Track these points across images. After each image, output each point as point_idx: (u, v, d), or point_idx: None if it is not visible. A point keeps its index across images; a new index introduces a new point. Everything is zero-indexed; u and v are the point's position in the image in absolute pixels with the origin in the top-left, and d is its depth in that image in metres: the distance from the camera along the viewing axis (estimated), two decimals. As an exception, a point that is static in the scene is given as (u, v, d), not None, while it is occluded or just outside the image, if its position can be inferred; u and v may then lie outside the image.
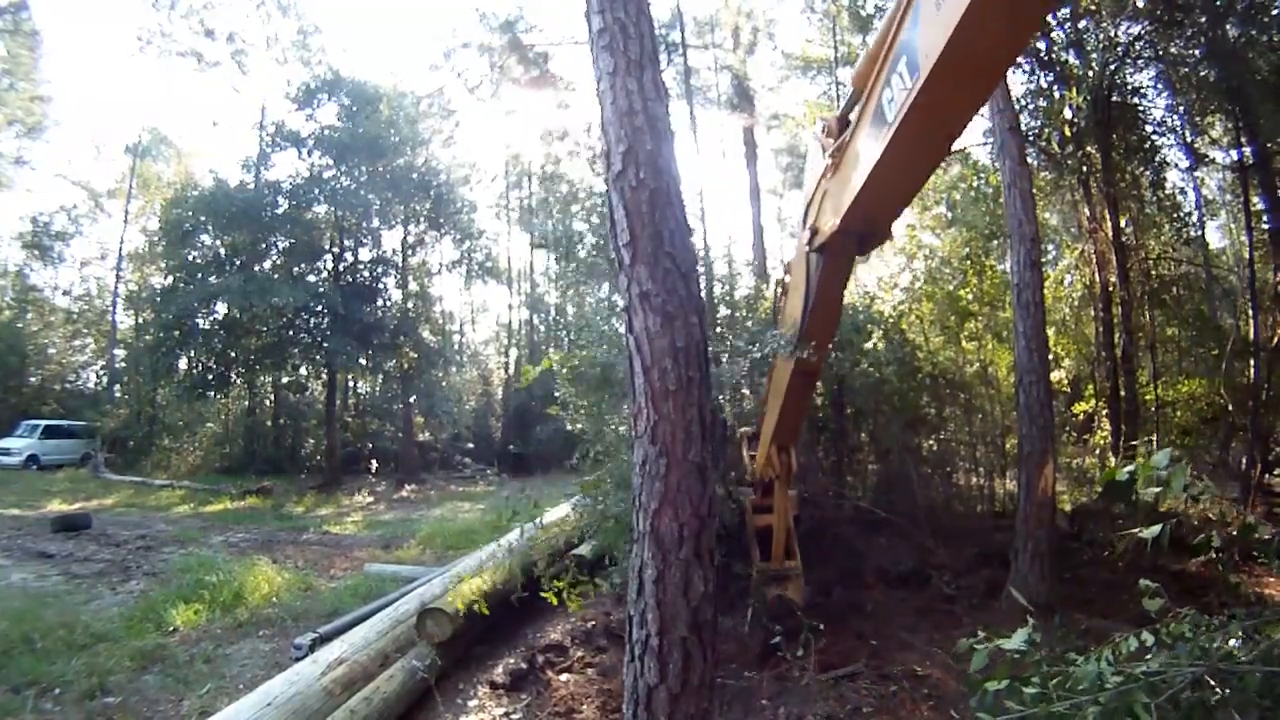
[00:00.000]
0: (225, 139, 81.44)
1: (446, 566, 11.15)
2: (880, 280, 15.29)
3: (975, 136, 16.25)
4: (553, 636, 9.23)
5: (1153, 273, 16.73)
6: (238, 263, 27.89)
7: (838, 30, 19.33)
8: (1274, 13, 14.80)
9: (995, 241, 15.52)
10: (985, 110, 11.34)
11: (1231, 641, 3.43)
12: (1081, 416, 16.70)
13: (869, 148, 4.99)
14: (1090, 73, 15.60)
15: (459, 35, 28.13)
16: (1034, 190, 11.82)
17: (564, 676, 8.07)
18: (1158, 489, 3.43)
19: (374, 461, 33.12)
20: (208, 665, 8.42)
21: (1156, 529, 3.51)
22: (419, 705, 7.29)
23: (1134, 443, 11.55)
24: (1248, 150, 16.05)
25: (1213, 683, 3.14)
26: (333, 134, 28.90)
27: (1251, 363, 15.26)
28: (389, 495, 27.50)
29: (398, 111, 30.44)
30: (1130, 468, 3.59)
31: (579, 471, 9.68)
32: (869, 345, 12.58)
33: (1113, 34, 15.82)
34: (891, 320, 13.58)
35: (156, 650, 8.64)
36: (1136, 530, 3.61)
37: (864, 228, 5.84)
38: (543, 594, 8.11)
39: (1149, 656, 3.32)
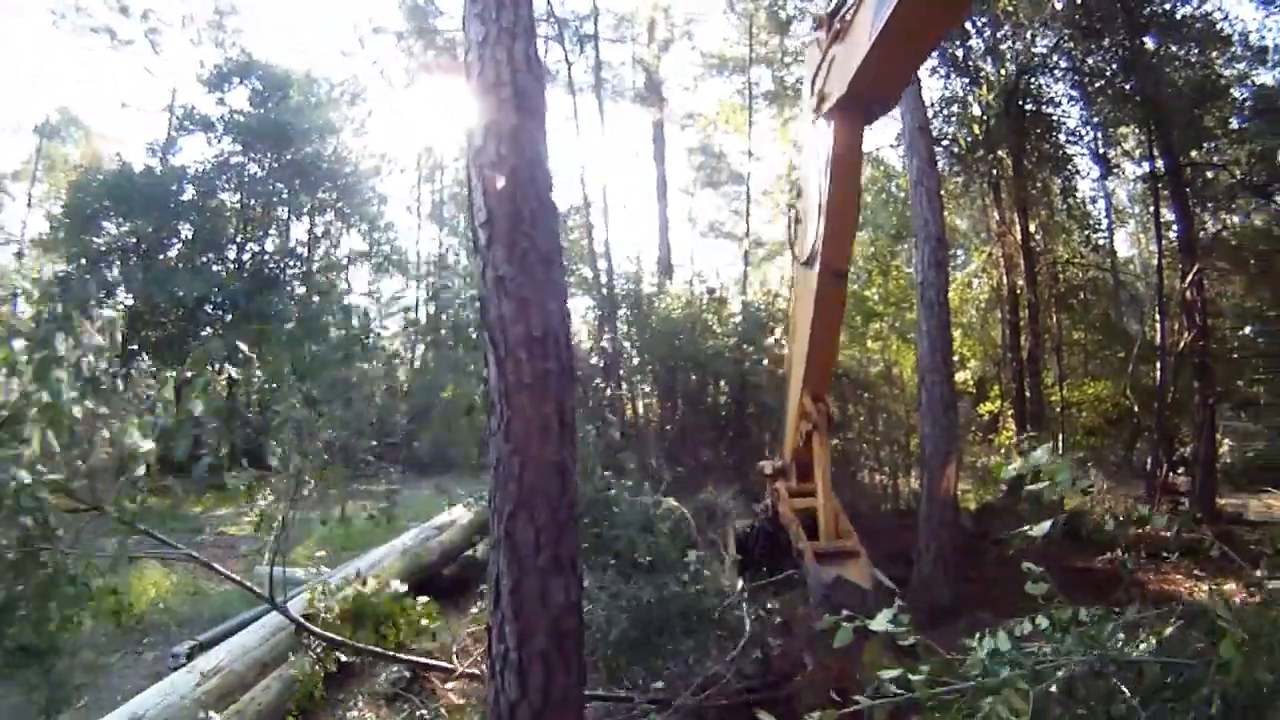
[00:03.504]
0: (135, 121, 78.22)
1: (337, 569, 10.70)
2: (783, 277, 15.22)
3: (887, 137, 16.34)
4: (440, 641, 8.84)
5: (1060, 277, 17.09)
6: (144, 250, 26.87)
7: (754, 28, 19.24)
8: (1197, 25, 15.18)
9: (903, 245, 15.65)
10: (895, 110, 11.29)
11: (1124, 634, 3.42)
12: (987, 417, 16.95)
13: (881, 6, 5.17)
14: (1005, 79, 15.79)
15: (374, 20, 27.56)
16: (942, 191, 11.86)
17: (449, 685, 7.71)
18: (1052, 484, 3.37)
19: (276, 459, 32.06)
20: (86, 675, 7.86)
21: (1045, 525, 3.52)
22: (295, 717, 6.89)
23: (1024, 435, 11.68)
24: (1160, 162, 16.44)
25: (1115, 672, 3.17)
26: (242, 119, 28.01)
27: (1157, 366, 15.65)
28: (290, 494, 26.64)
29: (309, 97, 29.67)
30: (1015, 466, 3.53)
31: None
32: (770, 342, 12.44)
33: (1030, 43, 16.04)
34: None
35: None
36: (1025, 529, 3.60)
37: (872, 91, 6.06)
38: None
39: (1042, 642, 3.32)
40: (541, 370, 3.86)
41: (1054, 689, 3.04)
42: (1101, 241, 19.34)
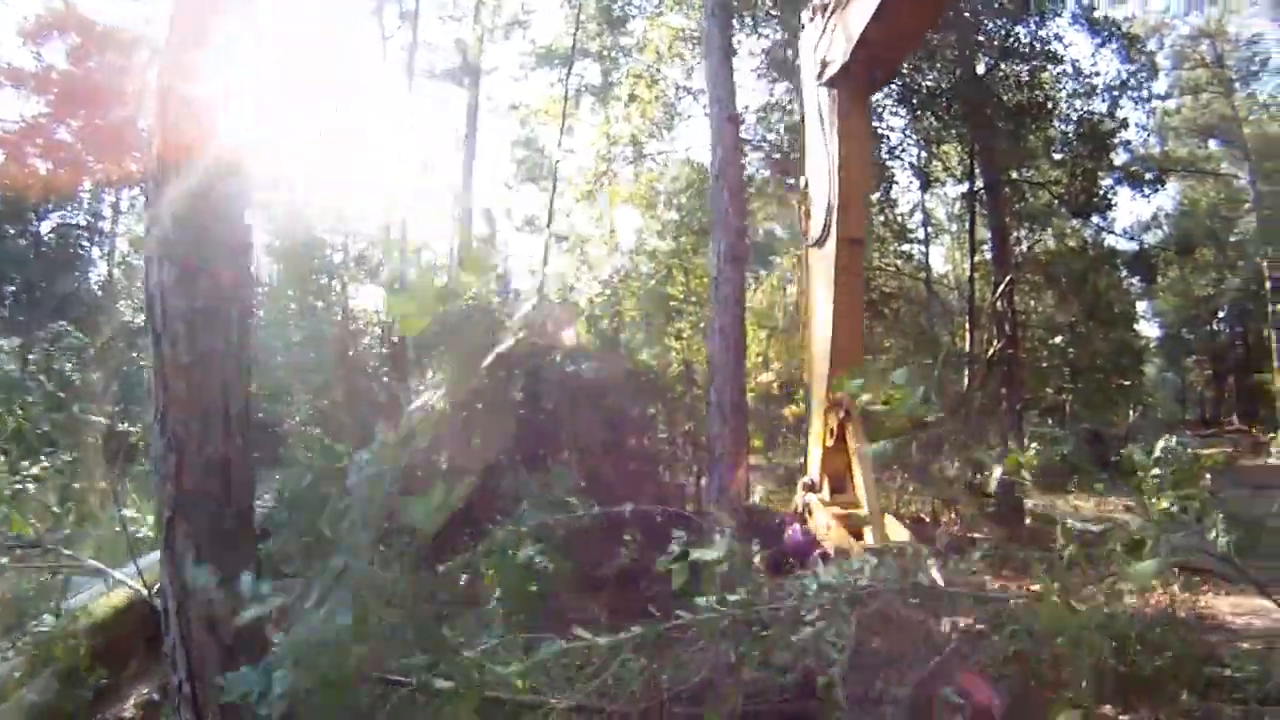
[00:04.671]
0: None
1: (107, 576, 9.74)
2: (578, 270, 15.01)
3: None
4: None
5: (872, 284, 17.42)
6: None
7: (583, 19, 18.91)
8: (1026, 39, 16.00)
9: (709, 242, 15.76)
10: (709, 107, 11.17)
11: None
12: (793, 419, 17.11)
13: None
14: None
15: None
16: (752, 190, 11.81)
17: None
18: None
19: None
20: None
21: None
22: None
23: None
24: (980, 181, 17.01)
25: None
26: (56, 76, 26.01)
27: (965, 373, 16.16)
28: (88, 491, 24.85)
29: (131, 57, 27.88)
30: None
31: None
32: (562, 335, 12.12)
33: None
34: (588, 313, 13.23)
35: None
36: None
37: (875, 55, 6.41)
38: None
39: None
40: (205, 350, 3.33)
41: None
42: (916, 254, 20.07)
